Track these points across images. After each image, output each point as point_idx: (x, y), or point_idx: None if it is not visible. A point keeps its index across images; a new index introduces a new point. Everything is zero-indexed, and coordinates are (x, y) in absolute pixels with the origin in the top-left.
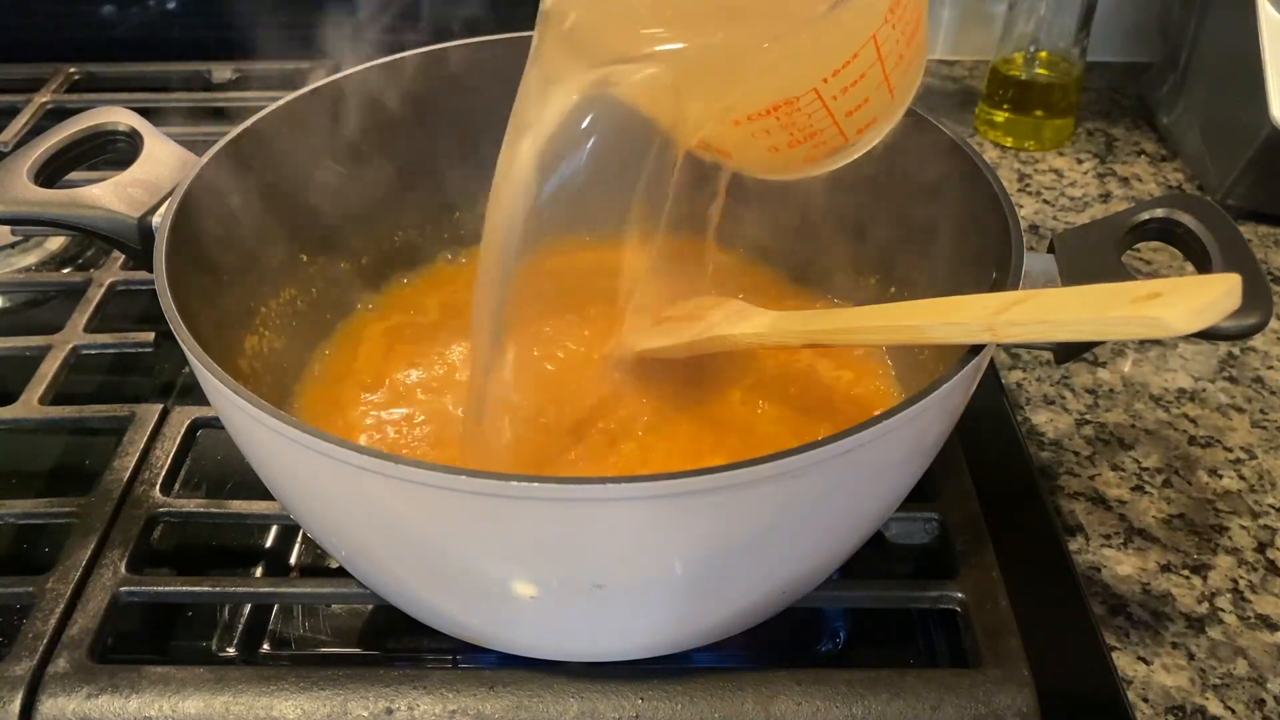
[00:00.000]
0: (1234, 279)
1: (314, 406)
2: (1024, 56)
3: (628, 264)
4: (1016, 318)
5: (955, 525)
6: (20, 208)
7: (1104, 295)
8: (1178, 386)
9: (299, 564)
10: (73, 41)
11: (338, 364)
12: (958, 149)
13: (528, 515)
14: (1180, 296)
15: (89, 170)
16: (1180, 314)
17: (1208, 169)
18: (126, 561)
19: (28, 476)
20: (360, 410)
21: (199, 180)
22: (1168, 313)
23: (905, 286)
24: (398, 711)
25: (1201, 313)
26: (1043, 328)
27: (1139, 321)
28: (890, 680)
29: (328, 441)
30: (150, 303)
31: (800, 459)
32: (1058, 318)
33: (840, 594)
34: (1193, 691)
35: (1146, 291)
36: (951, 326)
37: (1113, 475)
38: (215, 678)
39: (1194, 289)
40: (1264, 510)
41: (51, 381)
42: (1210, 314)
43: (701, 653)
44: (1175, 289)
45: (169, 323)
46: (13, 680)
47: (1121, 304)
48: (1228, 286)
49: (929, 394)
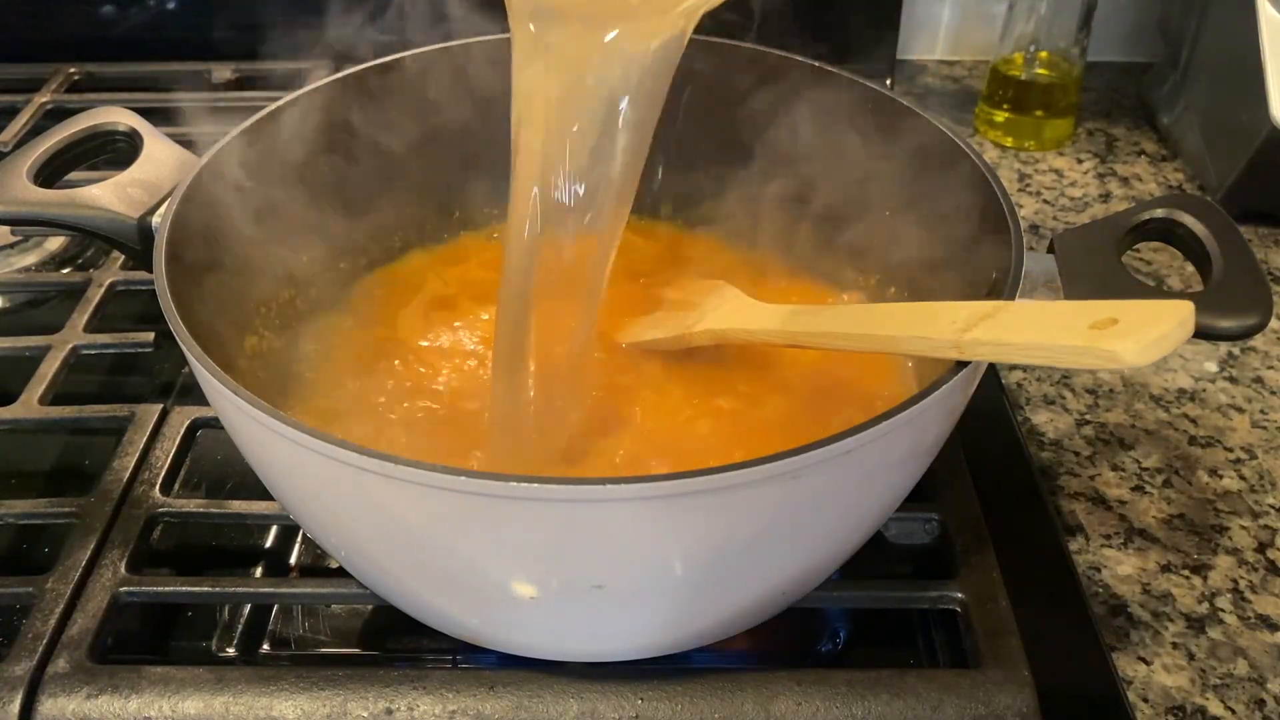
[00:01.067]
0: (1187, 307)
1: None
2: (1024, 56)
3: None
4: (980, 336)
5: (955, 525)
6: (20, 208)
7: (1064, 319)
8: (1178, 386)
9: (299, 564)
10: (73, 41)
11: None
12: (958, 149)
13: (528, 515)
14: (1134, 327)
15: (89, 170)
16: (1131, 347)
17: (1208, 169)
18: (126, 561)
19: (28, 476)
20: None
21: (199, 180)
22: (1119, 345)
23: (905, 286)
24: (398, 711)
25: (1154, 345)
26: (1003, 350)
27: (1092, 353)
28: (890, 680)
29: (328, 442)
30: (150, 303)
31: (800, 459)
32: (1016, 340)
33: (840, 594)
34: (1193, 691)
35: (1105, 316)
36: (921, 341)
37: (1113, 475)
38: (215, 678)
39: (1148, 319)
40: (1264, 510)
41: (51, 381)
42: (1163, 345)
43: (701, 653)
44: (1131, 316)
45: (169, 323)
46: (13, 680)
47: (1078, 332)
48: (1181, 316)
49: (929, 394)
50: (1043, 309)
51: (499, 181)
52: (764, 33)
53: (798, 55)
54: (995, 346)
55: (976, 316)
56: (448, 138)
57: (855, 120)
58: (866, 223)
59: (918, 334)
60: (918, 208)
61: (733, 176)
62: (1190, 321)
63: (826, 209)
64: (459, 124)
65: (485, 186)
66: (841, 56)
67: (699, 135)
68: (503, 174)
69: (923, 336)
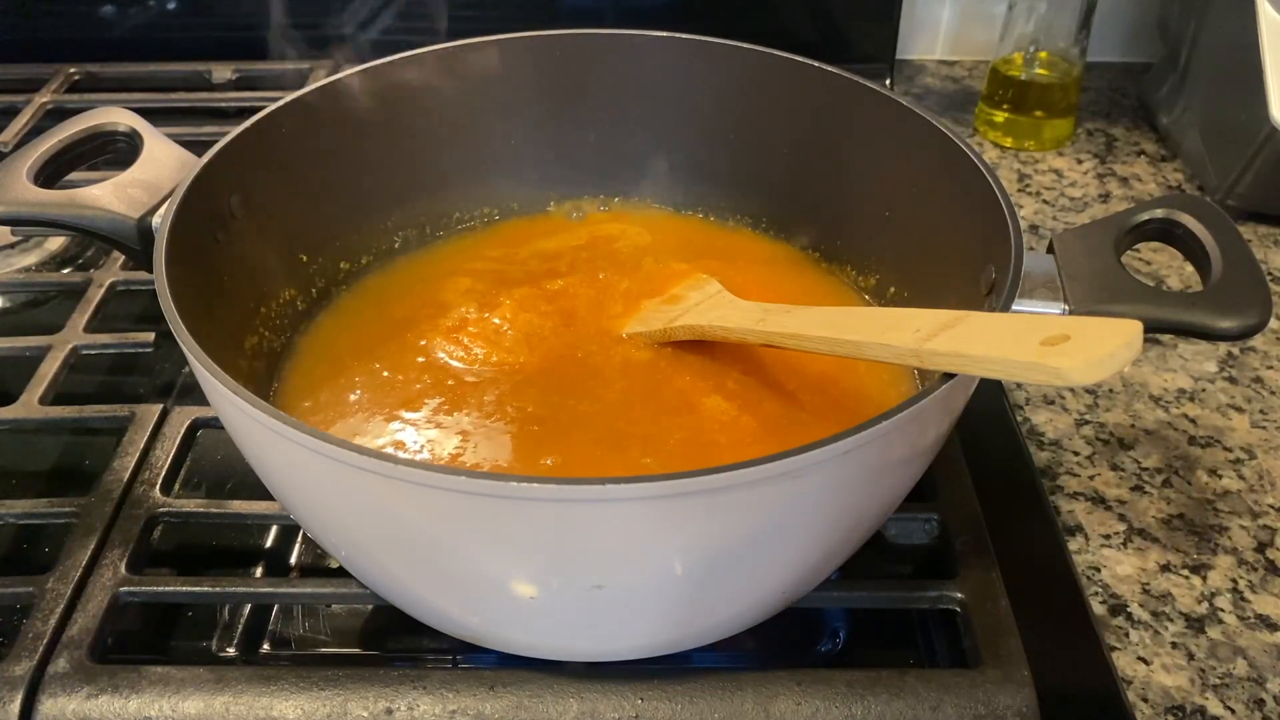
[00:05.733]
0: (1135, 327)
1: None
2: (1024, 56)
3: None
4: (939, 347)
5: (955, 525)
6: (20, 208)
7: (1018, 333)
8: (1178, 386)
9: (299, 564)
10: (73, 41)
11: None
12: (958, 149)
13: (528, 515)
14: (1081, 345)
15: (89, 170)
16: (1078, 365)
17: (1208, 169)
18: (126, 561)
19: (28, 476)
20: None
21: (199, 181)
22: (1066, 363)
23: (905, 286)
24: (398, 711)
25: (1100, 364)
26: (960, 361)
27: (1040, 370)
28: (890, 680)
29: (328, 442)
30: (150, 303)
31: (800, 459)
32: (972, 353)
33: (840, 594)
34: (1192, 691)
35: (1058, 332)
36: (884, 348)
37: (1113, 475)
38: (215, 678)
39: (1097, 337)
40: (1264, 510)
41: (51, 381)
42: (1109, 365)
43: (701, 653)
44: (1082, 333)
45: (169, 323)
46: (13, 680)
47: (1029, 348)
48: (1129, 336)
49: (929, 394)
50: (1002, 321)
51: (500, 181)
52: (763, 31)
53: (797, 55)
54: (951, 357)
55: (939, 326)
56: (448, 137)
57: (855, 120)
58: (866, 222)
59: (881, 340)
60: (917, 208)
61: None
62: (1138, 341)
63: (827, 209)
64: (459, 124)
65: (486, 186)
66: (841, 56)
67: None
68: (502, 174)
69: (886, 344)
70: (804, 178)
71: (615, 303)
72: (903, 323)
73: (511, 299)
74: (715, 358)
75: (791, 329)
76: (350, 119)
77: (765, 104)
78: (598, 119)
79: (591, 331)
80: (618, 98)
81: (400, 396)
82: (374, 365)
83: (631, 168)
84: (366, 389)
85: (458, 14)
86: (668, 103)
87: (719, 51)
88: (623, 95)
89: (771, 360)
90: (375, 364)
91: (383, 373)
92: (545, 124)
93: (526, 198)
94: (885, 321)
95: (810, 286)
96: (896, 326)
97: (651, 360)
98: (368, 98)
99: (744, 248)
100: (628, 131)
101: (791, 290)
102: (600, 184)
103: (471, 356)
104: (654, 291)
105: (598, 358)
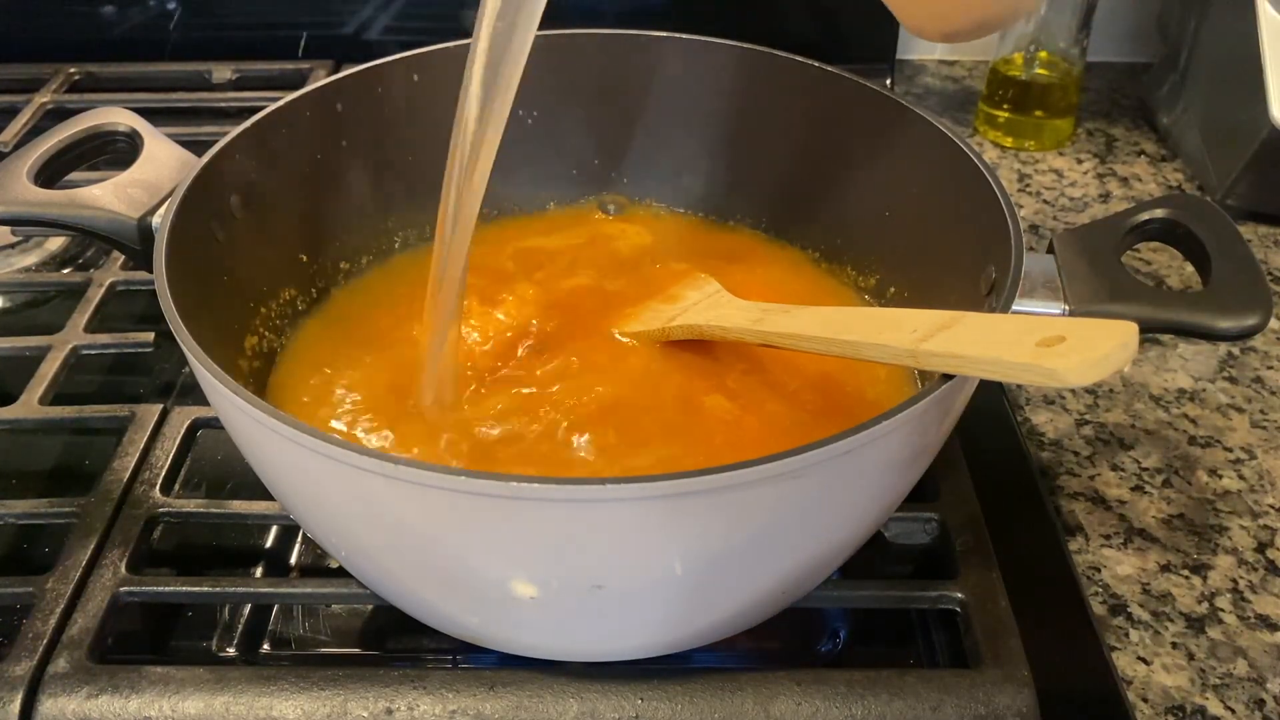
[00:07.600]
0: (1131, 329)
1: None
2: (1024, 56)
3: None
4: (934, 348)
5: (955, 525)
6: (20, 208)
7: (1014, 335)
8: (1178, 386)
9: (299, 564)
10: (73, 41)
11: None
12: (958, 149)
13: (528, 515)
14: (1076, 347)
15: (89, 170)
16: (1074, 366)
17: (1208, 169)
18: (126, 561)
19: (28, 476)
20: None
21: (199, 180)
22: (1062, 365)
23: (906, 287)
24: (398, 711)
25: (1096, 366)
26: (955, 362)
27: (1035, 371)
28: (890, 680)
29: (328, 442)
30: (150, 303)
31: (800, 459)
32: (967, 354)
33: (840, 594)
34: (1193, 691)
35: (1054, 333)
36: (880, 348)
37: (1113, 475)
38: (215, 678)
39: (1093, 339)
40: (1264, 510)
41: (51, 381)
42: (1105, 366)
43: (701, 653)
44: (1076, 335)
45: (169, 323)
46: (13, 680)
47: (1024, 349)
48: (1125, 338)
49: (929, 394)
50: (998, 322)
51: (499, 180)
52: (763, 32)
53: (798, 55)
54: (947, 358)
55: (935, 327)
56: (448, 137)
57: (855, 120)
58: (867, 222)
59: (877, 341)
60: (918, 208)
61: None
62: (1134, 343)
63: (826, 209)
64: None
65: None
66: (841, 56)
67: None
68: (501, 173)
69: (882, 344)
70: (804, 177)
71: (615, 302)
72: (899, 323)
73: (511, 298)
74: (715, 357)
75: (789, 329)
76: (350, 119)
77: (765, 104)
78: (597, 118)
79: (591, 331)
80: (618, 97)
81: (401, 396)
82: (374, 365)
83: (631, 167)
84: (366, 389)
85: (458, 13)
86: (668, 102)
87: (719, 51)
88: (623, 95)
89: (772, 360)
90: (376, 364)
91: (383, 373)
92: (545, 123)
93: (526, 197)
94: (882, 322)
95: (810, 286)
96: (893, 327)
97: (651, 360)
98: (368, 98)
99: (744, 247)
100: (628, 131)
101: (791, 290)
102: (600, 184)
103: (476, 356)
104: (654, 291)
105: (597, 357)
